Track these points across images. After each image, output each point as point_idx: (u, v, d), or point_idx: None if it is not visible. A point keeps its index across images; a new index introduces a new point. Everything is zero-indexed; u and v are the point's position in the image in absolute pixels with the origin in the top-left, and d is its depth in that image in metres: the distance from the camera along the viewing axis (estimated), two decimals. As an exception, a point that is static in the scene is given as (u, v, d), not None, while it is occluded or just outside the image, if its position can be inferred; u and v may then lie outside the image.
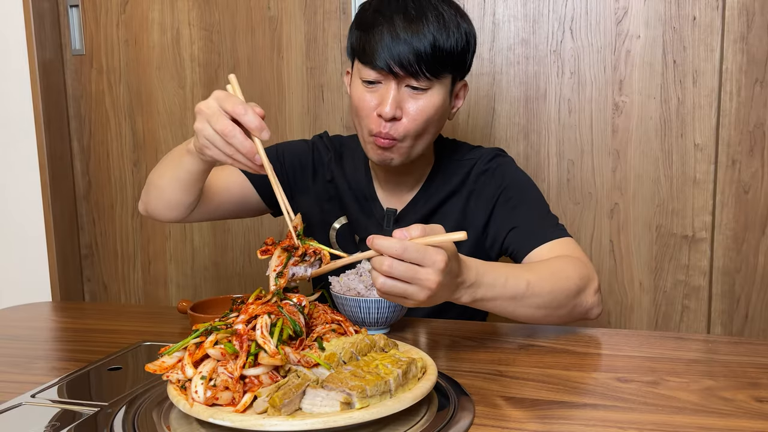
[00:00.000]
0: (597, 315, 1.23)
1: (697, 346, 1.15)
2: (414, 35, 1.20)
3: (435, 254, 0.89)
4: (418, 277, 0.89)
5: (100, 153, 2.30)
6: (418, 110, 1.25)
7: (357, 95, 1.28)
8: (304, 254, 0.97)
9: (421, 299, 0.92)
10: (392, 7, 1.24)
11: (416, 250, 0.88)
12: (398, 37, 1.20)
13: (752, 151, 1.81)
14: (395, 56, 1.20)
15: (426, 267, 0.89)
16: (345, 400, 0.76)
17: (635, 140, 1.87)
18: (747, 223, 1.84)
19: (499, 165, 1.41)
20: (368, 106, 1.27)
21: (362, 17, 1.28)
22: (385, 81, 1.24)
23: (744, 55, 1.78)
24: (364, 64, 1.25)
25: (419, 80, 1.23)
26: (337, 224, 1.47)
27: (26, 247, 2.30)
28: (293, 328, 0.86)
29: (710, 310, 1.90)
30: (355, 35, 1.29)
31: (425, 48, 1.20)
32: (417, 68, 1.21)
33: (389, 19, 1.22)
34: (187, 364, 0.82)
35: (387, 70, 1.22)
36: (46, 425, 0.85)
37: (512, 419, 0.85)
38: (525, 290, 1.08)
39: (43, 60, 2.20)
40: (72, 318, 1.46)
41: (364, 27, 1.26)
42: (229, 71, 2.13)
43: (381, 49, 1.21)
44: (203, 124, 1.03)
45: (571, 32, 1.88)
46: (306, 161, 1.49)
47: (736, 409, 0.87)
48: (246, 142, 1.00)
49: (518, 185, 1.39)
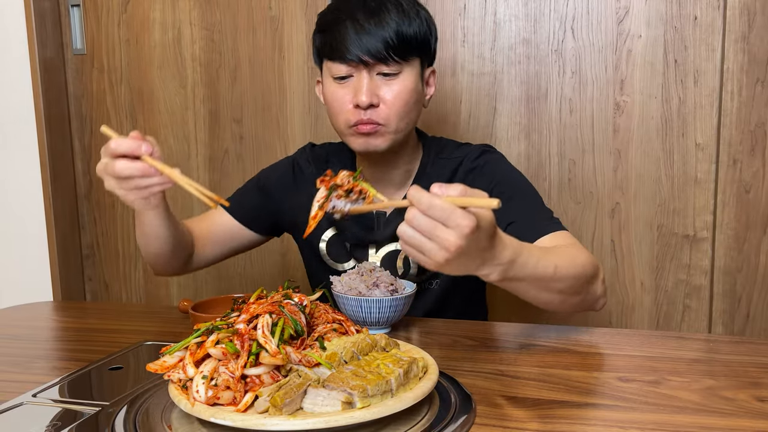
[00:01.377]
0: (602, 306, 1.23)
1: (699, 346, 1.15)
2: (378, 26, 1.25)
3: (462, 218, 0.84)
4: (437, 234, 0.85)
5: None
6: (394, 95, 1.29)
7: (330, 93, 1.32)
8: (350, 191, 1.02)
9: (438, 260, 0.87)
10: (351, 4, 1.29)
11: (442, 208, 0.84)
12: (363, 29, 1.25)
13: (753, 150, 1.81)
14: (363, 47, 1.25)
15: (449, 228, 0.85)
16: (346, 399, 0.76)
17: (636, 140, 1.87)
18: (748, 222, 1.84)
19: (487, 162, 1.40)
20: (343, 100, 1.30)
21: (323, 21, 1.34)
22: (356, 73, 1.29)
23: (745, 55, 1.78)
24: (333, 60, 1.29)
25: (390, 65, 1.27)
26: (325, 236, 1.46)
27: (27, 247, 2.30)
28: (294, 327, 0.86)
29: (711, 309, 1.90)
30: (319, 39, 1.34)
31: (390, 35, 1.25)
32: (386, 54, 1.25)
33: (351, 15, 1.27)
34: (189, 364, 0.82)
35: (357, 60, 1.26)
36: (47, 425, 0.85)
37: (513, 419, 0.85)
38: (553, 274, 1.06)
39: (44, 59, 2.20)
40: (73, 317, 1.46)
41: (327, 27, 1.31)
42: (231, 71, 2.13)
43: (349, 43, 1.26)
44: (107, 181, 1.09)
45: (573, 32, 1.88)
46: (286, 181, 1.51)
47: (737, 408, 0.87)
48: (130, 166, 1.05)
49: (510, 180, 1.38)
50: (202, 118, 2.18)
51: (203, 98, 2.17)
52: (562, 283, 1.09)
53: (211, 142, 2.19)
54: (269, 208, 1.51)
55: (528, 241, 1.27)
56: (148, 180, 1.07)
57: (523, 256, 1.00)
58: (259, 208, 1.51)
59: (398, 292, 1.19)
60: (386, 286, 1.18)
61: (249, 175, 2.16)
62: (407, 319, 1.31)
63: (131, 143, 1.04)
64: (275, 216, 1.52)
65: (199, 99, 2.17)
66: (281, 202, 1.50)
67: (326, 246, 1.46)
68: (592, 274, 1.17)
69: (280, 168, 1.54)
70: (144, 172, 1.05)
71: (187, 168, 2.22)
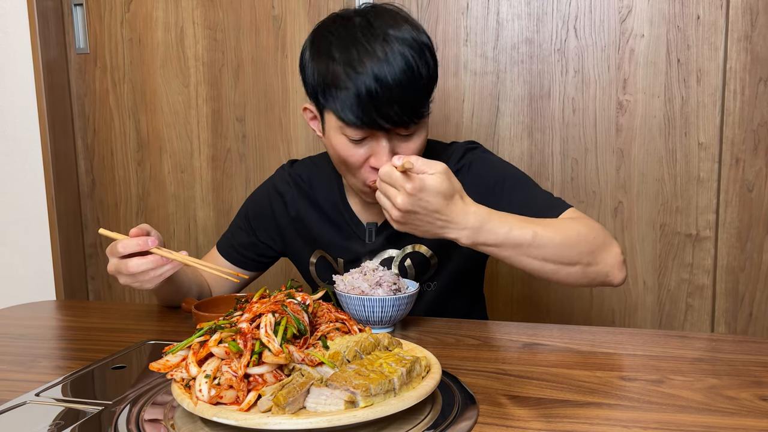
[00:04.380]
0: (620, 281, 1.20)
1: (701, 345, 1.15)
2: (397, 85, 1.16)
3: (403, 181, 1.03)
4: (389, 193, 1.06)
5: (104, 152, 2.30)
6: (411, 150, 1.25)
7: (343, 150, 1.24)
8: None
9: (393, 215, 1.07)
10: (361, 55, 1.17)
11: (389, 174, 1.04)
12: (382, 91, 1.15)
13: (756, 149, 1.81)
14: (383, 113, 1.17)
15: (395, 188, 1.04)
16: (349, 398, 0.76)
17: (639, 139, 1.87)
18: (751, 221, 1.84)
19: (472, 161, 1.37)
20: (360, 160, 1.24)
21: (328, 69, 1.20)
22: (372, 135, 1.22)
23: (748, 54, 1.78)
24: (347, 125, 1.20)
25: (409, 127, 1.22)
26: (313, 258, 1.47)
27: (30, 246, 2.30)
28: (297, 326, 0.86)
29: (714, 308, 1.90)
30: (322, 88, 1.22)
31: (411, 94, 1.18)
32: (405, 118, 1.19)
33: (365, 72, 1.15)
34: (192, 363, 0.82)
35: (377, 127, 1.19)
36: (50, 424, 0.85)
37: (516, 418, 0.85)
38: (531, 240, 1.10)
39: (47, 59, 2.20)
40: (76, 317, 1.46)
41: (338, 83, 1.18)
42: (233, 70, 2.13)
43: (367, 110, 1.17)
44: (122, 279, 1.19)
45: (575, 31, 1.87)
46: (266, 213, 1.49)
47: (740, 407, 0.87)
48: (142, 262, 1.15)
49: (501, 176, 1.35)
50: (205, 117, 2.19)
51: (206, 97, 2.18)
52: (545, 249, 1.12)
53: (214, 142, 2.19)
54: (257, 244, 1.51)
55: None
56: (161, 269, 1.17)
57: (492, 223, 1.09)
58: (248, 248, 1.52)
59: (401, 292, 1.19)
60: (389, 286, 1.18)
61: (251, 174, 2.18)
62: (410, 318, 1.31)
63: (138, 242, 1.15)
64: (265, 250, 1.52)
65: (202, 98, 2.17)
66: (266, 236, 1.51)
67: (315, 268, 1.48)
68: (593, 244, 1.16)
69: (259, 199, 1.51)
70: (157, 263, 1.16)
71: (190, 167, 2.22)
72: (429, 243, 1.39)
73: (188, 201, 2.24)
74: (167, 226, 2.28)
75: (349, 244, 1.42)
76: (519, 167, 1.40)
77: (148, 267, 1.15)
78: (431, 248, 1.39)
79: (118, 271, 1.18)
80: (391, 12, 1.23)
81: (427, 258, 1.40)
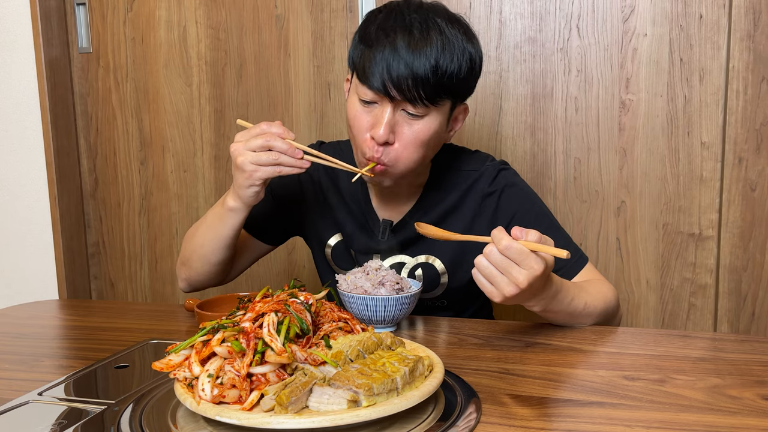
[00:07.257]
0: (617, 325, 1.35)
1: (704, 344, 1.15)
2: (415, 57, 1.16)
3: (535, 262, 1.00)
4: (511, 272, 1.01)
5: (107, 151, 2.31)
6: (412, 136, 1.22)
7: (352, 112, 1.26)
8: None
9: (506, 293, 1.02)
10: (397, 26, 1.20)
11: (519, 251, 1.00)
12: (399, 58, 1.17)
13: (759, 149, 1.80)
14: (394, 78, 1.17)
15: (522, 268, 1.00)
16: (352, 398, 0.77)
17: (642, 138, 1.87)
18: (754, 220, 1.84)
19: (504, 187, 1.37)
20: (363, 125, 1.24)
21: (366, 31, 1.24)
22: (381, 102, 1.22)
23: (750, 53, 1.78)
24: (361, 82, 1.22)
25: (416, 106, 1.20)
26: (331, 242, 1.46)
27: (33, 245, 2.31)
28: (300, 326, 0.86)
29: (717, 307, 1.90)
30: (357, 49, 1.25)
31: (425, 72, 1.17)
32: (415, 94, 1.18)
33: (392, 38, 1.18)
34: (194, 362, 0.82)
35: (384, 92, 1.19)
36: (53, 423, 0.85)
37: (519, 417, 0.85)
38: (582, 310, 1.20)
39: (50, 58, 2.21)
40: (79, 316, 1.46)
41: (367, 43, 1.22)
42: (236, 69, 2.13)
43: (380, 70, 1.18)
44: (243, 156, 1.18)
45: (578, 30, 1.87)
46: (293, 187, 1.48)
47: (742, 407, 0.87)
48: (282, 143, 1.16)
49: (530, 209, 1.36)
50: (208, 116, 2.19)
51: (209, 97, 2.18)
52: (589, 318, 1.23)
53: (216, 141, 2.19)
54: (279, 215, 1.49)
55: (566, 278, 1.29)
56: (286, 168, 1.18)
57: (562, 292, 1.14)
58: (269, 217, 1.48)
59: (404, 291, 1.19)
60: (392, 285, 1.18)
61: (254, 173, 2.17)
62: (413, 317, 1.31)
63: (283, 128, 1.18)
64: (285, 223, 1.51)
65: (205, 97, 2.18)
66: (290, 209, 1.49)
67: (331, 251, 1.46)
68: (615, 307, 1.30)
69: None
70: (292, 150, 1.17)
71: (193, 166, 2.22)
72: (444, 258, 1.38)
73: (191, 200, 2.25)
74: (170, 226, 2.28)
75: (363, 236, 1.41)
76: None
77: (287, 148, 1.16)
78: (445, 264, 1.38)
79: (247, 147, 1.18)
80: (451, 16, 1.25)
81: (438, 273, 1.38)
